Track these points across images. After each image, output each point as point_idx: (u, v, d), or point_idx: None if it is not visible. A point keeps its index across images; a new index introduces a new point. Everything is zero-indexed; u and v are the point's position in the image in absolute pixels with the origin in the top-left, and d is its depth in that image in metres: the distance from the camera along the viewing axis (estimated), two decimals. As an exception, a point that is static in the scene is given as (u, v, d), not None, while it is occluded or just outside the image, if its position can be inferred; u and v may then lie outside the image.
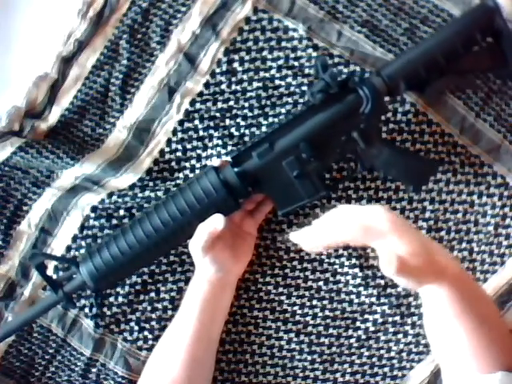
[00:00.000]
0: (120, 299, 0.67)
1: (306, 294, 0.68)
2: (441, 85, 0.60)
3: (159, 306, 0.67)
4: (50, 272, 0.66)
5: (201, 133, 0.67)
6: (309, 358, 0.69)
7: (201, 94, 0.66)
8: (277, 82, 0.65)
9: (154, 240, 0.58)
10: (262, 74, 0.66)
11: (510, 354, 0.52)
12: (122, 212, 0.66)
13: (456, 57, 0.58)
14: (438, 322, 0.52)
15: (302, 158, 0.58)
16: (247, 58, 0.66)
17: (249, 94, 0.66)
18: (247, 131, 0.66)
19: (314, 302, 0.68)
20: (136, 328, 0.68)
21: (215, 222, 0.56)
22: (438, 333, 0.52)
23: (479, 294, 0.55)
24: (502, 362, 0.51)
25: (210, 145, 0.67)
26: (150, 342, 0.68)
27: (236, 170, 0.58)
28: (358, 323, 0.69)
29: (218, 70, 0.66)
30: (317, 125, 0.57)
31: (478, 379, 0.50)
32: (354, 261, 0.66)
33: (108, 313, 0.67)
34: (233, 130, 0.66)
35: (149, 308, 0.67)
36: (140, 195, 0.66)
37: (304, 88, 0.65)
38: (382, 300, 0.68)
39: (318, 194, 0.59)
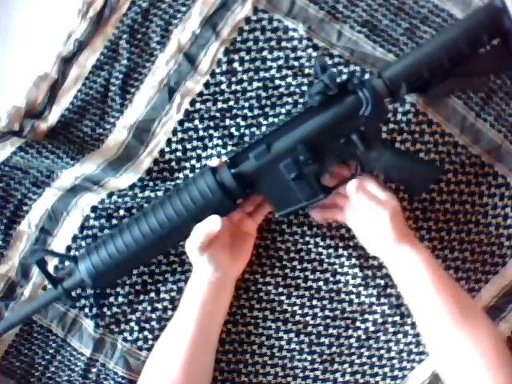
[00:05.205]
0: (120, 299, 0.67)
1: (306, 293, 0.68)
2: (445, 87, 0.58)
3: (159, 306, 0.67)
4: (50, 271, 0.66)
5: (201, 133, 0.67)
6: (309, 357, 0.69)
7: (201, 94, 0.66)
8: (277, 81, 0.65)
9: (151, 240, 0.58)
10: (262, 73, 0.66)
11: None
12: (122, 212, 0.66)
13: (461, 58, 0.56)
14: (414, 290, 0.58)
15: (299, 161, 0.57)
16: (247, 58, 0.65)
17: (249, 94, 0.66)
18: (247, 131, 0.66)
19: (314, 302, 0.68)
20: (136, 328, 0.68)
21: (212, 224, 0.56)
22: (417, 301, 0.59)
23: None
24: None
25: (209, 145, 0.67)
26: (150, 342, 0.68)
27: (233, 171, 0.57)
28: (358, 323, 0.69)
29: (218, 70, 0.66)
30: (315, 127, 0.56)
31: None
32: (353, 261, 0.66)
33: (108, 313, 0.68)
34: (233, 129, 0.66)
35: (149, 308, 0.67)
36: (140, 195, 0.66)
37: (304, 88, 0.65)
38: (382, 300, 0.68)
39: (315, 197, 0.58)
